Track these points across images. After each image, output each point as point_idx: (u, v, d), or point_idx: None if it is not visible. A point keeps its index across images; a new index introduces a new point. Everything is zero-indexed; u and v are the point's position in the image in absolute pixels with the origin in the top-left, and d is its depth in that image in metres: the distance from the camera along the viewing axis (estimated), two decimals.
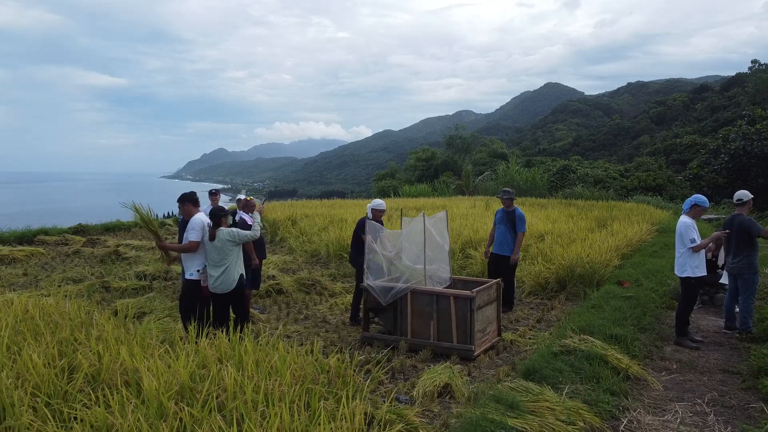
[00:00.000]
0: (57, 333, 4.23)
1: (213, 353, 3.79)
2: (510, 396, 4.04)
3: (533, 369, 4.62)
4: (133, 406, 3.06)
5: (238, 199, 8.74)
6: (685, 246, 5.77)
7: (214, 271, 5.35)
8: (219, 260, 5.32)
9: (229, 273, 5.35)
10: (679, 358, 5.55)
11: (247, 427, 2.74)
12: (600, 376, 4.60)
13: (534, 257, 9.48)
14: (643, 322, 6.31)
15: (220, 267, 5.32)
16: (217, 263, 5.33)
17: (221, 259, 5.32)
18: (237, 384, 3.34)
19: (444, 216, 6.60)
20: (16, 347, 3.99)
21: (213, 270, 5.36)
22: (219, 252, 5.31)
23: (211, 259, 5.36)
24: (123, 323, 4.62)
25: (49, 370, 3.62)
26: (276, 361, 3.59)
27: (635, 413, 4.23)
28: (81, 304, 5.28)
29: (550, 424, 3.72)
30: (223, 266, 5.32)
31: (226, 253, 5.31)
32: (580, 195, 22.85)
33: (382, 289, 5.92)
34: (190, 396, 3.24)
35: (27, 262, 10.79)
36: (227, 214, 5.45)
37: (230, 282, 5.37)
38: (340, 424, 2.86)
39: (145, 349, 3.96)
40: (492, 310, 6.03)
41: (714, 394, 4.68)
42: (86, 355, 3.77)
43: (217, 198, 9.44)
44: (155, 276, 9.21)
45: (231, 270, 5.36)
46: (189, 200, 5.70)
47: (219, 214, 5.39)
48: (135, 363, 3.69)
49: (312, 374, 3.50)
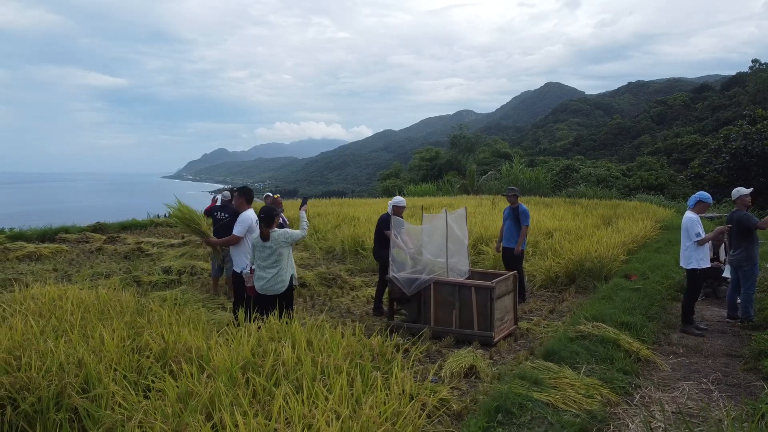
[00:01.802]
0: (119, 318, 4.63)
1: (266, 334, 4.19)
2: (533, 374, 4.44)
3: (552, 351, 5.03)
4: (205, 377, 3.46)
5: (266, 196, 9.14)
6: (690, 240, 6.17)
7: (266, 273, 5.29)
8: (273, 261, 5.27)
9: (282, 274, 5.30)
10: (685, 344, 5.95)
11: (315, 392, 3.14)
12: (613, 358, 5.01)
13: (543, 252, 9.89)
14: (651, 311, 6.71)
15: (274, 268, 5.28)
16: (270, 264, 5.28)
17: (275, 261, 5.27)
18: (294, 359, 3.75)
19: (463, 212, 7.00)
20: (85, 331, 4.39)
21: (265, 271, 5.30)
22: (273, 253, 5.25)
23: (263, 260, 5.29)
24: (176, 309, 5.02)
25: (120, 349, 4.03)
26: (327, 339, 3.99)
27: (646, 390, 4.63)
28: (131, 294, 5.69)
29: (571, 398, 4.12)
30: (276, 267, 5.26)
31: (279, 253, 5.25)
32: (584, 194, 23.26)
33: (406, 281, 6.32)
34: (254, 369, 3.64)
35: (53, 259, 11.19)
36: (280, 214, 5.51)
37: (282, 284, 5.34)
38: (393, 390, 3.26)
39: (202, 331, 4.36)
40: (509, 300, 6.43)
41: (718, 375, 5.08)
42: (153, 336, 4.17)
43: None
44: (181, 271, 9.61)
45: (284, 271, 5.32)
46: (245, 195, 5.79)
47: (273, 213, 5.31)
48: (197, 342, 4.10)
49: (359, 351, 3.90)
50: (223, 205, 8.15)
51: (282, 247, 5.28)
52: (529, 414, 3.84)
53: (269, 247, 5.26)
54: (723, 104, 70.72)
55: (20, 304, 5.28)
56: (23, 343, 4.02)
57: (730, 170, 23.78)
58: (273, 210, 5.34)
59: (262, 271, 5.31)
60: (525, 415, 3.82)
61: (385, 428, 2.94)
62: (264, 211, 5.31)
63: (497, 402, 3.91)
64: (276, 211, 5.41)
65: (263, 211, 5.31)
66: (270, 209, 5.32)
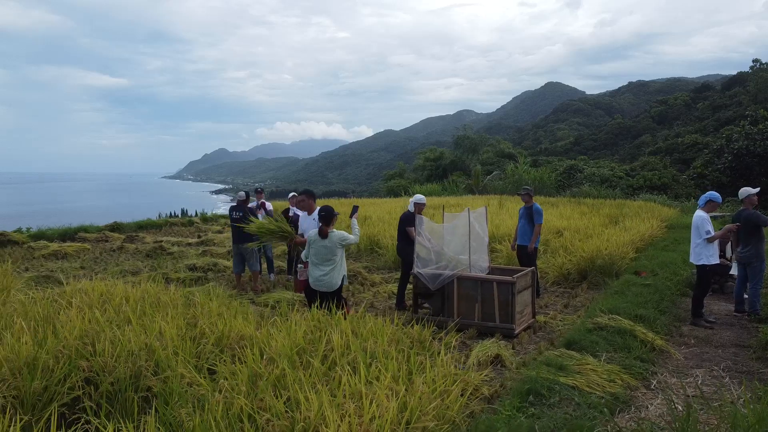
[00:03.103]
0: (171, 310, 4.98)
1: (313, 324, 4.53)
2: (558, 361, 4.79)
3: (573, 341, 5.38)
4: (266, 361, 3.80)
5: (292, 196, 9.52)
6: (701, 237, 6.51)
7: (320, 270, 5.52)
8: (328, 259, 5.50)
9: (336, 272, 5.55)
10: (695, 335, 6.29)
11: (371, 372, 3.48)
12: (630, 347, 5.35)
13: (555, 250, 10.24)
14: (662, 305, 7.04)
15: (328, 266, 5.50)
16: (324, 262, 5.51)
17: (330, 259, 5.50)
18: (343, 345, 4.09)
19: (483, 211, 7.35)
20: (142, 321, 4.74)
21: (319, 268, 5.53)
22: (328, 251, 5.46)
23: (318, 257, 5.51)
24: (224, 302, 5.37)
25: (178, 337, 4.37)
26: (372, 327, 4.34)
27: (662, 376, 4.97)
28: (177, 288, 6.03)
29: (594, 381, 4.47)
30: (330, 265, 5.50)
31: (334, 253, 5.49)
32: (588, 194, 23.59)
33: (430, 276, 6.67)
34: (308, 354, 3.98)
35: (78, 257, 11.54)
36: (338, 215, 5.74)
37: (335, 282, 5.56)
38: (440, 370, 3.61)
39: (252, 321, 4.71)
40: (528, 294, 6.77)
41: (728, 363, 5.42)
42: (208, 325, 4.52)
43: (262, 195, 10.19)
44: (205, 268, 9.95)
45: (337, 269, 5.57)
46: (312, 196, 6.39)
47: (333, 213, 5.54)
48: (249, 330, 4.45)
49: (401, 339, 4.25)
50: (237, 205, 8.58)
51: (337, 247, 5.52)
52: (558, 396, 4.18)
53: (325, 246, 5.50)
54: (724, 104, 71.03)
55: (72, 298, 5.63)
56: (90, 331, 4.37)
57: (733, 170, 24.12)
58: (333, 210, 5.58)
59: (317, 268, 5.56)
60: (554, 397, 4.16)
61: (436, 404, 3.28)
62: (324, 210, 5.56)
63: (528, 385, 4.25)
64: (335, 213, 5.64)
65: (323, 210, 5.55)
66: (330, 209, 5.57)
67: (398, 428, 2.95)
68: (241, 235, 7.92)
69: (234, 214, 8.41)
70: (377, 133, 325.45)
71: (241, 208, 8.41)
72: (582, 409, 3.97)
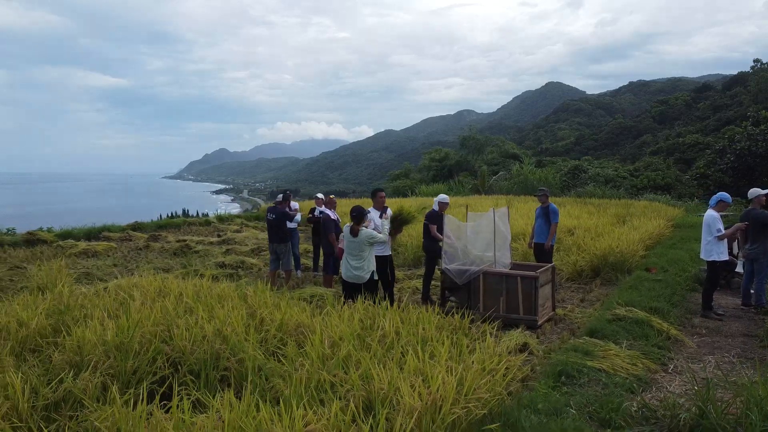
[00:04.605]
0: (230, 301, 5.44)
1: (364, 313, 5.00)
2: (583, 347, 5.25)
3: (595, 329, 5.84)
4: (330, 344, 4.26)
5: (318, 197, 9.99)
6: (712, 235, 6.97)
7: (352, 264, 6.08)
8: (357, 255, 6.06)
9: (364, 267, 6.09)
10: (706, 326, 6.75)
11: (429, 352, 3.95)
12: (648, 336, 5.82)
13: (568, 248, 10.69)
14: (674, 299, 7.50)
15: (359, 261, 6.07)
16: (355, 257, 6.07)
17: (359, 255, 6.05)
18: (393, 331, 4.55)
19: (506, 211, 7.81)
20: (207, 311, 5.19)
21: (350, 263, 6.09)
22: (358, 248, 6.05)
23: (350, 252, 6.12)
24: (276, 294, 5.83)
25: (243, 324, 4.83)
26: (419, 315, 4.80)
27: (678, 361, 5.43)
28: (227, 282, 6.49)
29: (618, 365, 4.93)
30: (360, 261, 6.07)
31: (363, 249, 6.06)
32: (593, 194, 24.04)
33: (457, 272, 7.13)
34: (364, 338, 4.44)
35: (108, 255, 12.00)
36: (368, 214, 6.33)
37: (364, 275, 6.09)
38: (488, 351, 4.07)
39: (307, 311, 5.17)
40: (548, 288, 7.23)
41: (738, 350, 5.88)
42: (268, 314, 4.98)
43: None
44: (234, 266, 10.41)
45: (366, 264, 6.11)
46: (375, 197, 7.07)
47: (364, 213, 6.14)
48: (305, 319, 4.91)
49: (444, 326, 4.71)
50: (273, 207, 9.07)
51: (365, 245, 6.08)
52: (586, 377, 4.64)
53: (356, 243, 6.06)
54: (725, 104, 71.50)
55: (130, 291, 6.09)
56: (161, 320, 4.83)
57: (735, 170, 24.57)
58: (363, 210, 6.17)
59: (350, 262, 6.12)
60: (583, 378, 4.62)
61: (487, 379, 3.75)
62: (355, 210, 6.14)
63: (560, 367, 4.71)
64: (366, 212, 6.21)
65: (354, 210, 6.12)
66: (361, 209, 6.15)
67: (459, 398, 3.41)
68: (276, 235, 8.42)
69: (268, 216, 8.89)
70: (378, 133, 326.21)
71: (275, 210, 8.88)
72: (610, 388, 4.43)
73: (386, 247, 7.11)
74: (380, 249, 6.94)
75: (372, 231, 6.20)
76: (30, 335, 4.62)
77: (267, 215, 9.15)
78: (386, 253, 7.21)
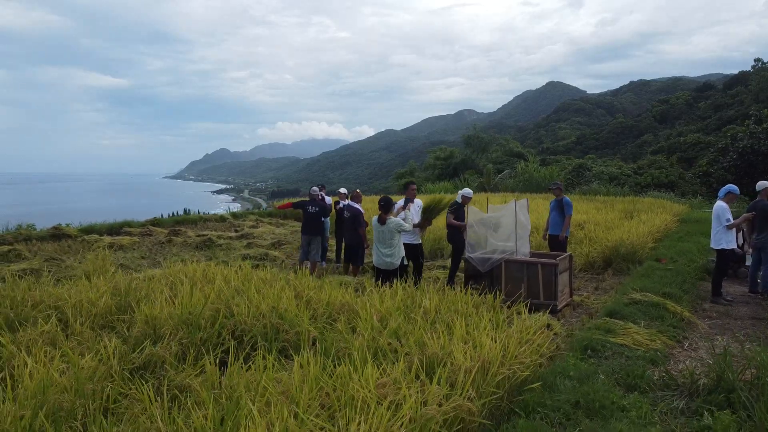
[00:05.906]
0: (276, 284, 5.85)
1: (404, 293, 5.41)
2: (605, 326, 5.67)
3: (614, 311, 6.25)
4: (378, 318, 4.67)
5: (341, 192, 10.42)
6: (721, 224, 7.39)
7: (382, 251, 6.52)
8: (387, 243, 6.49)
9: (394, 254, 6.54)
10: (716, 310, 7.17)
11: (471, 323, 4.36)
12: (663, 317, 6.23)
13: (579, 241, 11.11)
14: (684, 286, 7.91)
15: (388, 248, 6.51)
16: (385, 245, 6.51)
17: (389, 243, 6.48)
18: (432, 309, 4.97)
19: (526, 203, 8.23)
20: (258, 292, 5.61)
21: (381, 251, 6.54)
22: (387, 236, 6.50)
23: (380, 240, 6.56)
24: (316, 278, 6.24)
25: (293, 304, 5.25)
26: (456, 294, 5.22)
27: (692, 340, 5.85)
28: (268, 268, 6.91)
29: (638, 341, 5.34)
30: (390, 248, 6.52)
31: (392, 237, 6.50)
32: (598, 191, 24.47)
33: (480, 260, 7.54)
34: (410, 313, 4.86)
35: (134, 249, 12.41)
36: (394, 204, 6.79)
37: (395, 262, 6.56)
38: (523, 324, 4.49)
39: (350, 291, 5.59)
40: (567, 275, 7.65)
41: (747, 331, 6.29)
42: (314, 294, 5.40)
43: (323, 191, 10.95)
44: (259, 257, 10.83)
45: (396, 251, 6.55)
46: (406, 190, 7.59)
47: (391, 203, 6.59)
48: (349, 299, 5.32)
49: (479, 303, 5.13)
50: (312, 199, 9.43)
51: (394, 233, 6.50)
52: (610, 350, 5.06)
53: (384, 231, 6.50)
54: (726, 103, 71.92)
55: (178, 276, 6.50)
56: (215, 300, 5.24)
57: (737, 168, 24.97)
58: (391, 200, 6.60)
59: (380, 249, 6.55)
60: (607, 351, 5.04)
61: (525, 347, 4.16)
62: (384, 200, 6.59)
63: (585, 342, 5.13)
64: (393, 203, 6.66)
65: (383, 200, 6.57)
66: (388, 199, 6.60)
67: (504, 361, 3.83)
68: (313, 227, 8.83)
69: (309, 209, 9.20)
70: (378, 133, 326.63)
71: (316, 202, 9.26)
72: (632, 360, 4.85)
73: (416, 236, 7.54)
74: (411, 238, 7.37)
75: (399, 220, 6.61)
76: (99, 313, 5.04)
77: (307, 207, 9.27)
78: (417, 241, 7.65)
